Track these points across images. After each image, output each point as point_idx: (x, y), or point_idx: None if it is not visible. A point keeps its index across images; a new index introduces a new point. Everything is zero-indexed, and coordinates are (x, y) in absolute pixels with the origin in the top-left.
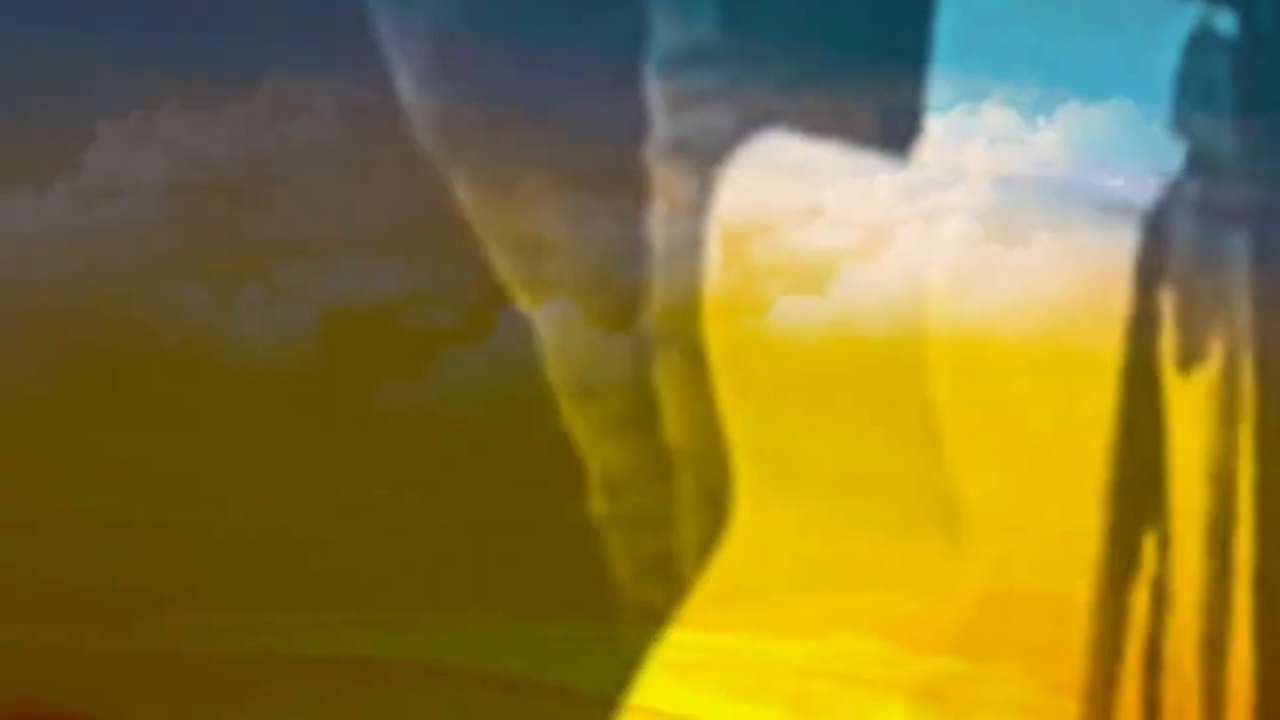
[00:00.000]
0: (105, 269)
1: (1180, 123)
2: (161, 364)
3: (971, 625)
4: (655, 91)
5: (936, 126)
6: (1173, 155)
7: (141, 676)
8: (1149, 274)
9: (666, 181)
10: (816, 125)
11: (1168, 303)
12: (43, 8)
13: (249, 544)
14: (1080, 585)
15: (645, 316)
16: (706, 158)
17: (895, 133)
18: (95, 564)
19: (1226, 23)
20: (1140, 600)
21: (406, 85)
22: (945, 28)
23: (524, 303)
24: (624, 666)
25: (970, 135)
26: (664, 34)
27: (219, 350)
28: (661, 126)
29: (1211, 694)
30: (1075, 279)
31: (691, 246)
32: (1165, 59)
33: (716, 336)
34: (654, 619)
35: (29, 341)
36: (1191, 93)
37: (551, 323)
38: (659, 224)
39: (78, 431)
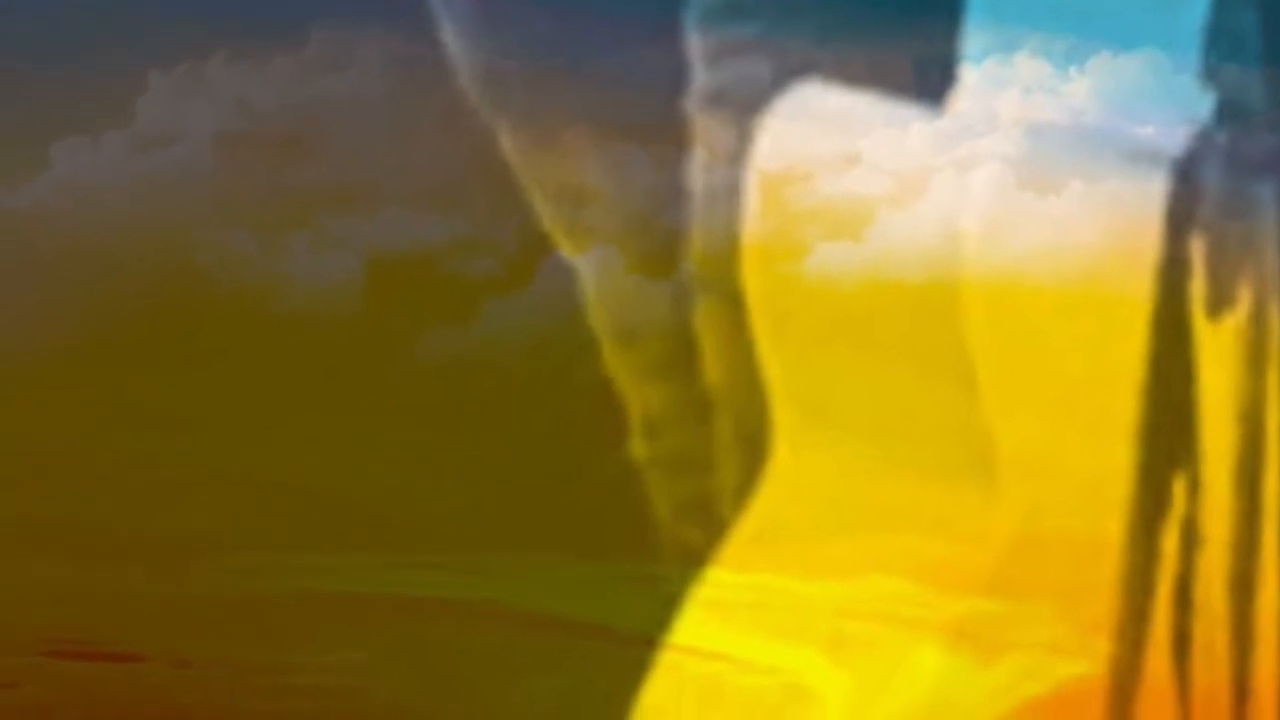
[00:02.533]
0: (156, 215)
1: (1209, 73)
2: (209, 310)
3: (1005, 566)
4: (694, 43)
5: (970, 76)
6: (1202, 105)
7: (191, 616)
8: (1178, 221)
9: (705, 131)
10: (852, 75)
11: (1197, 249)
12: None
13: (296, 488)
14: (1111, 526)
15: (685, 263)
16: (744, 107)
17: (929, 82)
18: (146, 507)
19: None
20: (1170, 540)
21: (451, 38)
22: None
23: (566, 250)
24: (664, 605)
25: (1003, 85)
26: None
27: (266, 296)
28: (700, 77)
29: (1240, 630)
30: (1106, 226)
31: (730, 194)
32: (1194, 10)
33: (755, 282)
34: (693, 559)
35: (82, 286)
36: (1220, 44)
37: (593, 269)
38: (698, 172)
39: (128, 377)
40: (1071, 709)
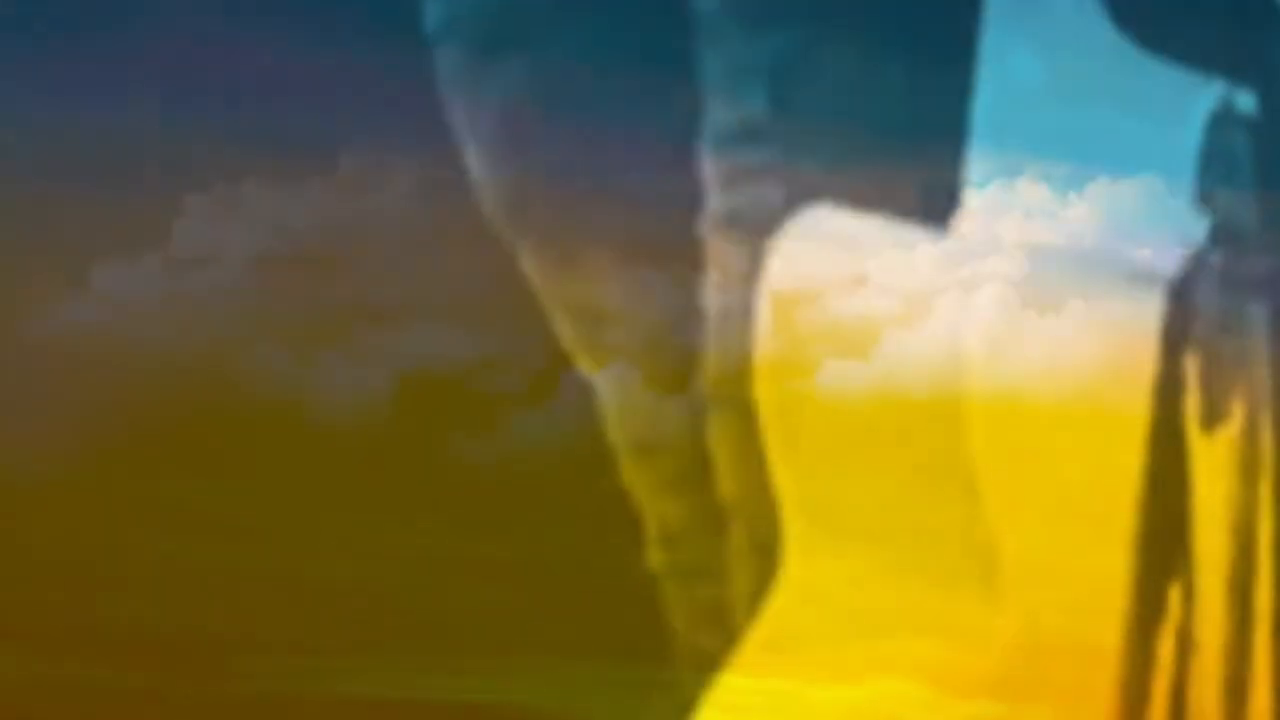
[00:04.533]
0: (194, 333)
1: (1204, 197)
2: (246, 423)
3: (1007, 670)
4: (710, 167)
5: (974, 200)
6: (1197, 227)
7: (223, 718)
8: (1174, 339)
9: (720, 252)
10: (861, 199)
11: (1192, 366)
12: (135, 89)
13: (328, 592)
14: (1109, 632)
15: (700, 379)
16: (758, 230)
17: (935, 206)
18: (183, 610)
19: (1247, 102)
20: (1166, 646)
21: (476, 161)
22: (982, 107)
23: (586, 367)
24: (680, 709)
25: (1006, 209)
26: (718, 113)
27: (300, 410)
28: (715, 200)
29: None
30: (1104, 344)
31: (743, 313)
32: (1190, 137)
33: (766, 398)
34: (708, 664)
35: (124, 401)
36: (1214, 168)
37: (611, 385)
38: (713, 292)
39: (169, 485)
40: None
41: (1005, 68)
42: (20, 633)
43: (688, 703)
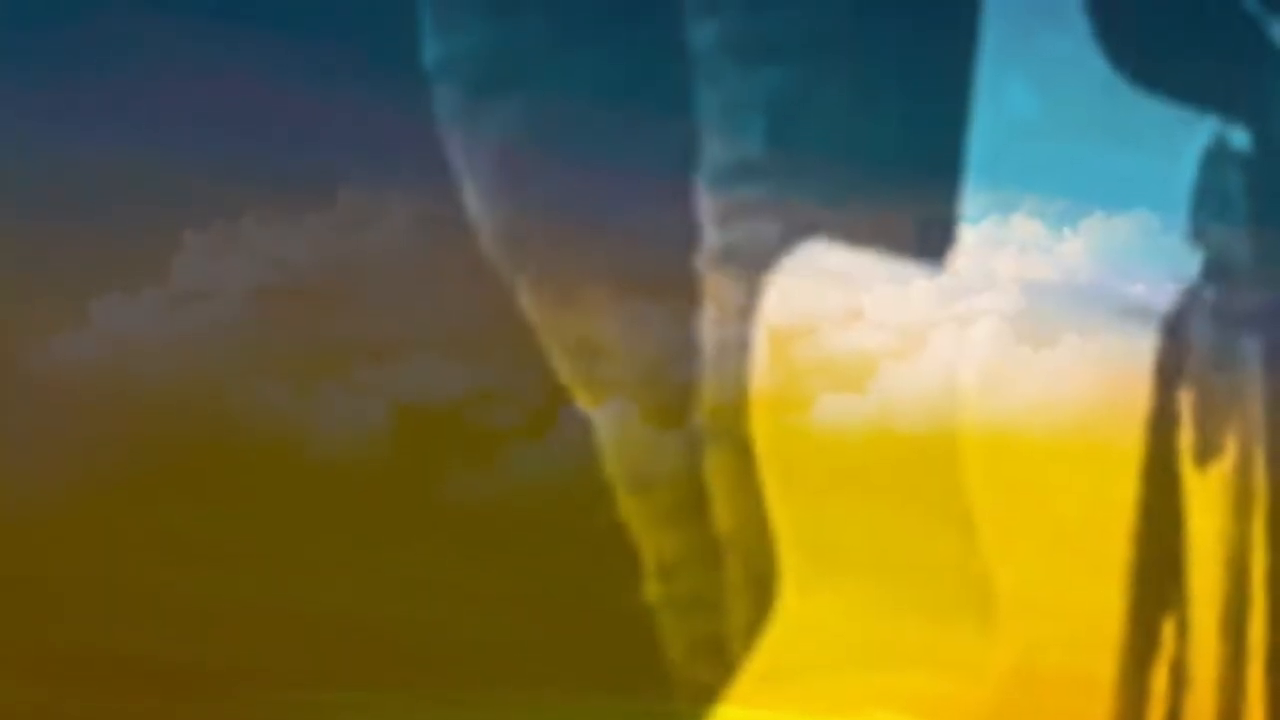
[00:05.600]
0: (193, 368)
1: (1197, 232)
2: (245, 456)
3: (1002, 703)
4: (705, 203)
5: (969, 235)
6: (1190, 263)
7: None
8: (1168, 374)
9: (716, 287)
10: (856, 234)
11: (1185, 401)
12: (134, 125)
13: (326, 624)
14: (1104, 665)
15: (696, 414)
16: (753, 265)
17: (930, 241)
18: (182, 643)
19: (1241, 138)
20: (1161, 680)
21: (473, 197)
22: (977, 143)
23: (583, 401)
24: None
25: (1000, 244)
26: (714, 149)
27: (299, 443)
28: (711, 236)
29: None
30: (1099, 379)
31: (740, 348)
32: (1183, 172)
33: (763, 432)
34: (705, 696)
35: (124, 435)
36: (1208, 204)
37: (609, 420)
38: (709, 327)
39: (168, 518)
40: None
41: (1000, 104)
42: (20, 664)
43: None
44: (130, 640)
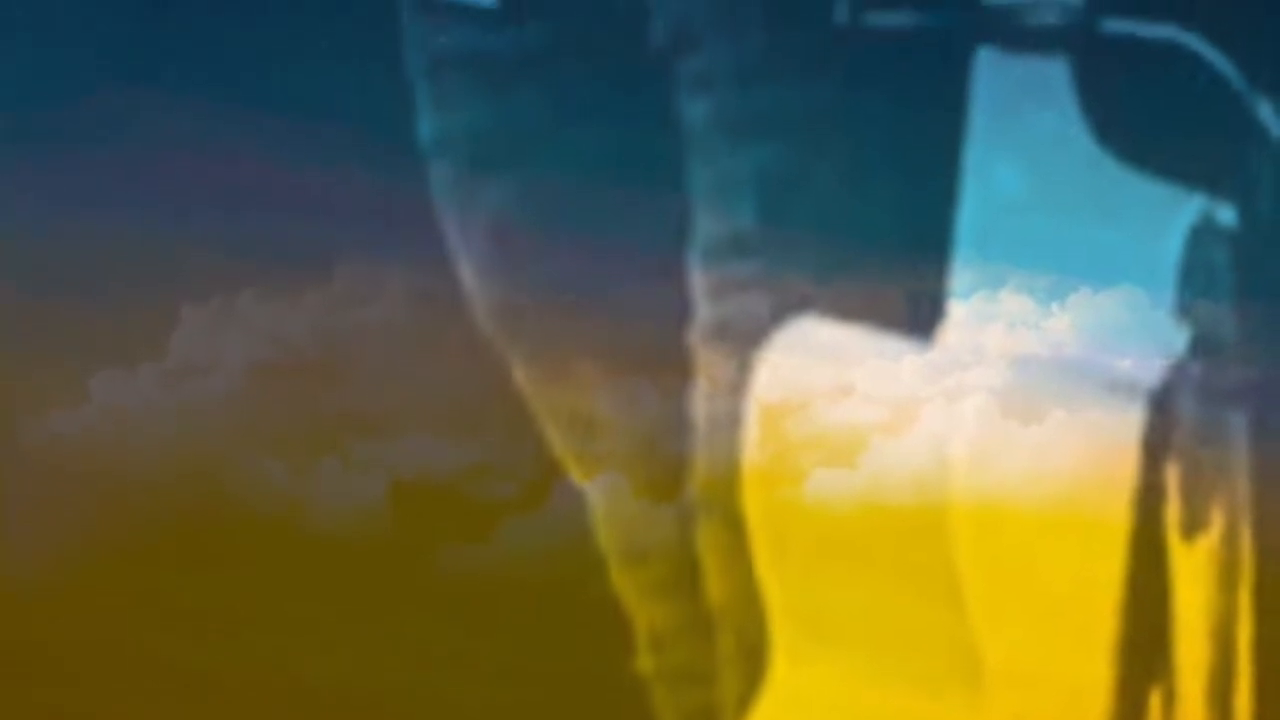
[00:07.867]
0: (191, 442)
1: (1184, 308)
2: (243, 529)
3: None
4: (698, 279)
5: (958, 311)
6: (1177, 338)
7: None
8: (1155, 448)
9: (708, 363)
10: (847, 310)
11: (1172, 475)
12: (131, 200)
13: (325, 695)
14: None
15: (688, 488)
16: (745, 341)
17: (920, 317)
18: (181, 714)
19: (1227, 215)
20: None
21: (468, 273)
22: (965, 219)
23: (577, 475)
24: None
25: (989, 319)
26: (706, 225)
27: (296, 517)
28: (704, 311)
29: None
30: (1086, 453)
31: (731, 423)
32: (1170, 249)
33: (754, 506)
34: None
35: (123, 508)
36: (1194, 280)
37: (602, 493)
38: (701, 402)
39: (166, 593)
40: None
41: (988, 180)
42: None
43: None
44: (129, 713)
